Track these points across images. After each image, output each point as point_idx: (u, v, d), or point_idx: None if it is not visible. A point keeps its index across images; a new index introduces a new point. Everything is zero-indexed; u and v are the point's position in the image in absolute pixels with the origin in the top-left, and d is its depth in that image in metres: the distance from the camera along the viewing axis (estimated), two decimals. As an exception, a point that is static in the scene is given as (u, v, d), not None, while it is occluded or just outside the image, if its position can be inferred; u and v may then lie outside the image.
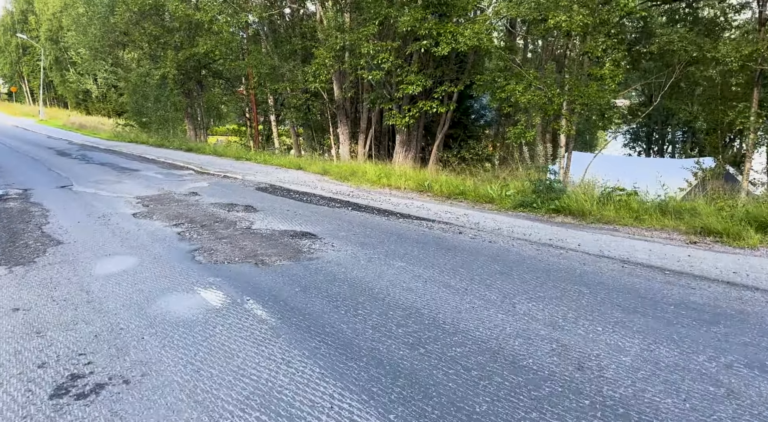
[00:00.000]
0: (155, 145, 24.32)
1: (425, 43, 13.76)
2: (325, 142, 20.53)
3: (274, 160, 16.10)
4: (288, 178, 12.80)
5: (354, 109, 19.72)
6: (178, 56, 24.56)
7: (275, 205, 8.85)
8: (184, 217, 7.66)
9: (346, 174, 12.77)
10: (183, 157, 18.29)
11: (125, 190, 10.56)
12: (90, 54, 29.60)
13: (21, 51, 59.77)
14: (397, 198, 9.83)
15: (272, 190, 10.75)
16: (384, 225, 7.21)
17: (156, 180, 12.56)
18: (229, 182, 12.09)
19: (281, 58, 18.42)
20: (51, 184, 11.70)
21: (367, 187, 11.41)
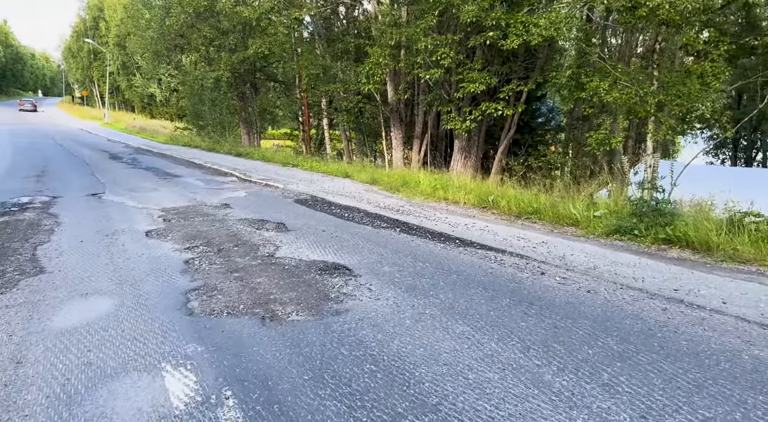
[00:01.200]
0: (206, 149, 23.88)
1: (491, 35, 12.07)
2: (377, 148, 19.20)
3: (320, 167, 14.86)
4: (332, 187, 11.47)
5: (409, 112, 18.23)
6: (232, 59, 24.04)
7: (311, 222, 7.46)
8: (202, 238, 6.41)
9: (397, 184, 11.28)
10: (230, 163, 17.46)
11: (155, 200, 9.55)
12: (149, 57, 29.74)
13: (92, 56, 62.59)
14: (455, 216, 8.23)
15: (312, 202, 9.42)
16: (439, 256, 5.64)
17: (194, 187, 11.58)
18: (268, 192, 10.89)
19: (333, 58, 17.22)
20: (84, 190, 10.93)
21: (419, 200, 9.86)
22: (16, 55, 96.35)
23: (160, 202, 9.41)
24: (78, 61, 67.19)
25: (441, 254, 5.71)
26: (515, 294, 4.33)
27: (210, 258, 5.48)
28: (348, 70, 16.55)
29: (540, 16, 11.58)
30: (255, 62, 25.74)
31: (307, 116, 21.46)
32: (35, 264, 5.18)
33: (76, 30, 65.88)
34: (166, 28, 25.58)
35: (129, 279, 4.68)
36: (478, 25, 13.28)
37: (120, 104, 70.29)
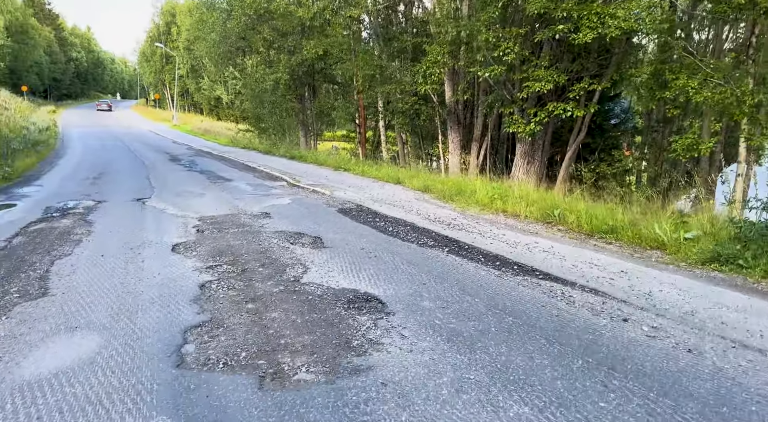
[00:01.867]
0: (263, 152, 23.87)
1: (561, 29, 10.89)
2: (433, 151, 18.29)
3: (372, 172, 14.14)
4: (382, 195, 10.69)
5: (468, 114, 17.20)
6: (290, 61, 23.90)
7: (350, 238, 6.70)
8: (230, 254, 5.80)
9: (451, 192, 10.34)
10: (283, 166, 17.13)
11: (197, 207, 9.15)
12: (212, 60, 30.28)
13: (164, 60, 65.38)
14: (514, 232, 7.21)
15: (356, 212, 8.67)
16: (492, 287, 4.71)
17: (240, 193, 11.18)
18: (313, 199, 10.27)
19: (390, 58, 16.48)
20: (132, 195, 10.77)
21: (475, 211, 8.89)
22: (97, 59, 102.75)
23: (201, 209, 9.00)
24: (151, 64, 70.51)
25: (495, 285, 4.76)
26: (590, 353, 3.34)
27: (229, 281, 4.83)
28: (404, 70, 15.75)
29: (618, 6, 10.30)
30: (313, 64, 25.52)
31: (363, 118, 20.85)
32: (42, 285, 4.72)
33: (150, 35, 69.14)
34: (228, 30, 25.84)
35: (130, 309, 4.09)
36: (546, 18, 12.11)
37: (189, 106, 73.17)
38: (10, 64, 54.28)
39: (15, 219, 8.08)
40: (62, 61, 77.42)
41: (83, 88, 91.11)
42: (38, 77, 65.17)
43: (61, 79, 76.95)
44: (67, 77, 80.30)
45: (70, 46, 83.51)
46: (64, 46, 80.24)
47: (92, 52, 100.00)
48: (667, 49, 11.88)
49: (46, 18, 76.93)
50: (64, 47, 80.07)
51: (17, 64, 57.17)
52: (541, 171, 13.89)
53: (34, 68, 63.26)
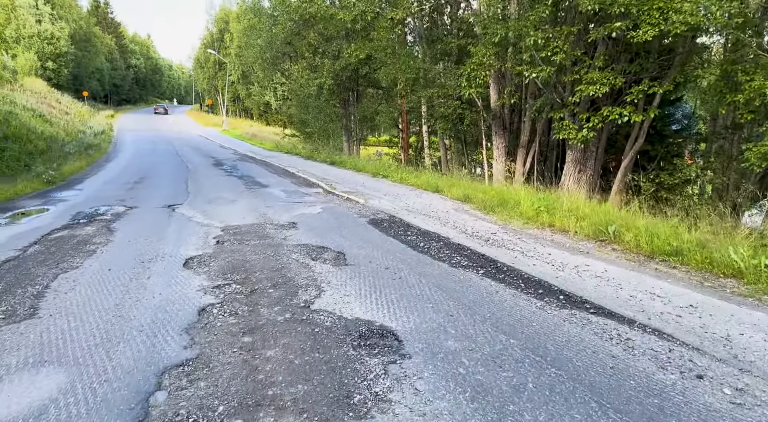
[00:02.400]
0: (305, 157, 23.70)
1: (618, 26, 9.95)
2: (476, 157, 17.47)
3: (410, 179, 13.50)
4: (417, 204, 10.05)
5: (515, 119, 16.32)
6: (334, 66, 23.67)
7: (376, 254, 6.10)
8: (243, 271, 5.32)
9: (493, 203, 9.57)
10: (322, 172, 16.78)
11: (224, 216, 8.80)
12: (260, 66, 30.52)
13: (217, 67, 67.06)
14: (562, 251, 6.41)
15: (388, 224, 8.07)
16: (533, 324, 3.98)
17: (273, 200, 10.82)
18: (345, 208, 9.75)
19: (433, 61, 15.83)
20: (165, 201, 10.59)
21: (518, 225, 8.10)
22: (155, 66, 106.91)
23: (228, 217, 8.64)
24: (205, 71, 72.50)
25: (536, 321, 4.04)
26: (655, 425, 2.60)
27: (233, 305, 4.33)
28: (448, 73, 15.06)
29: (683, 0, 9.27)
30: (357, 68, 25.22)
31: (405, 123, 20.26)
32: (33, 304, 4.36)
33: (204, 42, 71.16)
34: (274, 36, 25.90)
35: (113, 339, 3.62)
36: (601, 16, 11.18)
37: (240, 112, 74.80)
38: (73, 70, 56.94)
39: (42, 225, 7.95)
40: (122, 68, 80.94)
41: (141, 94, 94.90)
42: (99, 83, 68.23)
43: (120, 85, 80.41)
44: (127, 83, 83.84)
45: (130, 54, 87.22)
46: (125, 53, 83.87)
47: (151, 58, 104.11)
48: (739, 47, 10.68)
49: (109, 26, 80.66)
50: (125, 54, 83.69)
51: (80, 71, 59.98)
52: (594, 180, 12.86)
53: (95, 74, 66.29)
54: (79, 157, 21.68)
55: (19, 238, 6.89)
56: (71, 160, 20.61)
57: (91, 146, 27.04)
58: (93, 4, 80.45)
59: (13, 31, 52.11)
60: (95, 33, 66.87)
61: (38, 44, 51.78)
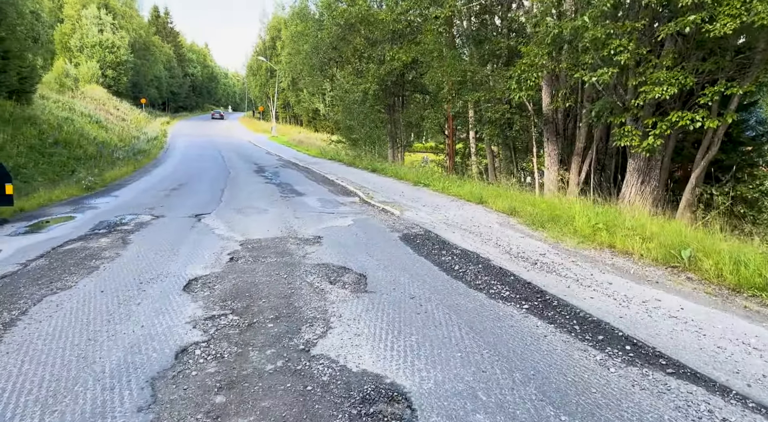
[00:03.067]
0: (347, 164, 23.21)
1: (692, 20, 8.74)
2: (526, 166, 16.33)
3: (453, 189, 12.59)
4: (458, 217, 9.16)
5: (569, 125, 15.10)
6: (379, 70, 23.10)
7: (402, 278, 5.29)
8: (246, 298, 4.65)
9: (543, 217, 8.55)
10: (362, 180, 16.14)
11: (249, 228, 8.25)
12: (306, 71, 30.37)
13: (269, 74, 68.11)
14: (625, 279, 5.38)
15: (422, 241, 7.23)
16: (592, 391, 3.05)
17: (305, 210, 10.23)
18: (379, 221, 8.99)
19: (480, 61, 14.88)
20: (194, 210, 10.19)
21: (571, 244, 7.08)
22: (211, 74, 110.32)
23: (253, 229, 8.06)
24: (257, 78, 73.89)
25: (596, 384, 3.11)
26: None
27: (220, 346, 3.62)
28: (496, 76, 14.08)
29: (773, -15, 7.99)
30: (403, 73, 24.55)
31: (451, 128, 19.33)
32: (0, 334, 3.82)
33: (257, 50, 72.58)
34: (319, 41, 25.62)
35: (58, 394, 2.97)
36: (670, 9, 9.97)
37: (290, 118, 75.75)
38: (132, 78, 59.20)
39: (59, 235, 7.61)
40: (180, 76, 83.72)
41: (198, 101, 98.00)
42: (158, 91, 70.72)
43: (178, 93, 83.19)
44: (184, 90, 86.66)
45: (188, 62, 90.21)
46: (182, 61, 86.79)
47: (207, 67, 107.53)
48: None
49: (168, 35, 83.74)
50: (182, 63, 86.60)
51: (139, 79, 62.32)
52: (659, 193, 11.53)
53: (154, 82, 68.73)
54: (127, 163, 21.98)
55: (28, 250, 6.52)
56: (119, 166, 20.89)
57: (141, 152, 27.58)
58: (153, 14, 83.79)
59: (77, 41, 54.72)
60: (154, 42, 69.44)
61: (99, 53, 54.10)
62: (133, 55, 58.47)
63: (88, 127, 31.50)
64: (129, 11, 65.74)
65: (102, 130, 33.26)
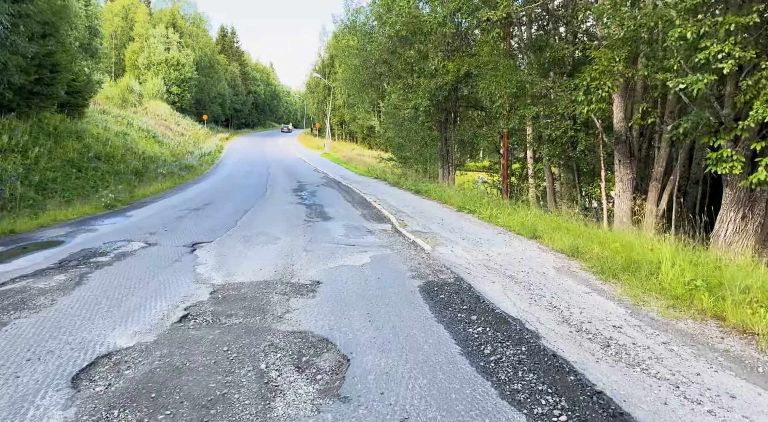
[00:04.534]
0: (391, 184, 21.69)
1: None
2: (592, 191, 14.05)
3: (502, 217, 10.65)
4: (504, 258, 7.27)
5: (645, 144, 12.85)
6: (430, 85, 21.53)
7: (401, 368, 3.55)
8: (146, 406, 3.08)
9: (616, 264, 6.52)
10: (400, 202, 14.50)
11: (240, 264, 6.78)
12: (354, 87, 29.26)
13: (326, 91, 68.21)
14: (753, 387, 3.38)
15: (448, 295, 5.44)
16: None
17: (323, 239, 8.72)
18: (402, 259, 7.27)
19: (540, 71, 12.94)
20: (197, 236, 8.89)
21: (658, 309, 5.05)
22: (274, 92, 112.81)
23: (241, 269, 6.56)
24: (314, 96, 74.31)
25: None
26: None
27: None
28: (558, 88, 12.10)
29: None
30: (456, 87, 22.86)
31: (505, 147, 17.34)
32: None
33: (316, 68, 73.06)
34: (368, 54, 24.41)
35: None
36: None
37: (346, 135, 75.56)
38: (196, 95, 60.77)
39: (13, 269, 6.38)
40: (243, 94, 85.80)
41: (260, 118, 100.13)
42: (221, 107, 72.45)
43: (241, 110, 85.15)
44: (246, 108, 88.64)
45: (251, 80, 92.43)
46: (246, 79, 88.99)
47: (270, 85, 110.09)
48: None
49: (234, 55, 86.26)
50: (246, 81, 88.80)
51: (203, 95, 63.95)
52: (766, 231, 9.11)
53: (217, 99, 70.47)
54: (169, 178, 21.47)
55: (-48, 289, 5.28)
56: (159, 181, 20.35)
57: (188, 167, 27.25)
58: (220, 34, 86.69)
59: (145, 59, 56.79)
60: (219, 60, 71.37)
61: (165, 70, 55.78)
62: (198, 72, 60.07)
63: (142, 142, 31.79)
64: (196, 30, 67.95)
65: (156, 145, 33.57)
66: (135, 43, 59.74)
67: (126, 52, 60.33)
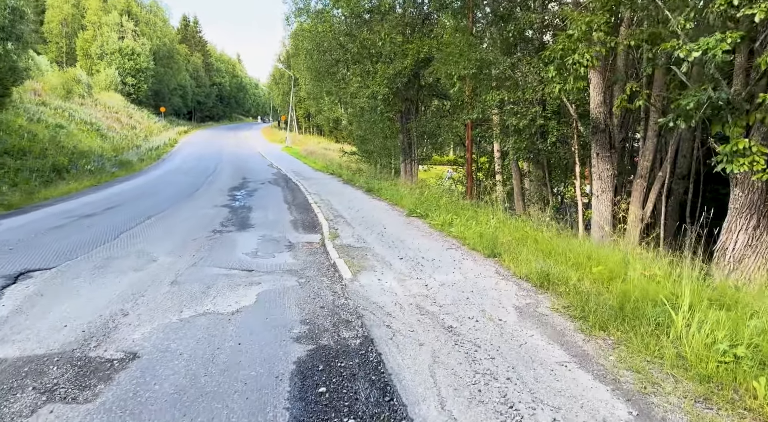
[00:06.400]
0: (345, 180, 19.54)
1: None
2: (565, 191, 12.05)
3: (457, 226, 8.53)
4: (447, 290, 5.15)
5: (626, 133, 10.93)
6: (387, 71, 19.36)
7: None
8: None
9: (605, 307, 4.44)
10: (345, 205, 12.35)
11: (54, 311, 4.55)
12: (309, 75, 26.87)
13: (292, 82, 65.26)
14: None
15: (345, 368, 3.31)
16: None
17: (214, 263, 6.50)
18: (306, 295, 5.09)
19: (503, 49, 10.85)
20: (50, 257, 6.59)
21: (681, 402, 2.99)
22: (240, 84, 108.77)
23: (43, 322, 4.31)
24: (279, 87, 71.26)
25: None
26: None
27: None
28: (525, 66, 10.03)
29: None
30: (417, 73, 20.74)
31: (469, 140, 15.26)
32: None
33: (280, 58, 69.97)
34: (320, 36, 22.04)
35: None
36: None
37: (313, 128, 72.77)
38: (153, 86, 57.09)
39: None
40: (207, 85, 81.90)
41: (225, 111, 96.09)
42: (182, 99, 68.68)
43: (204, 102, 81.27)
44: (210, 100, 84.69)
45: (216, 72, 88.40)
46: (210, 71, 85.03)
47: (236, 77, 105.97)
48: None
49: (197, 45, 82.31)
50: (210, 72, 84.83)
51: (161, 87, 60.25)
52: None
53: (178, 91, 66.70)
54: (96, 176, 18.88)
55: None
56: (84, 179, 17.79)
57: (123, 163, 24.49)
58: (182, 23, 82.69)
59: (97, 48, 53.04)
60: (179, 50, 67.62)
61: (119, 60, 52.22)
62: (155, 63, 56.46)
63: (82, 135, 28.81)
64: (153, 19, 64.07)
65: (98, 139, 30.61)
66: (87, 31, 55.78)
67: (77, 40, 56.33)
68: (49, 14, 58.35)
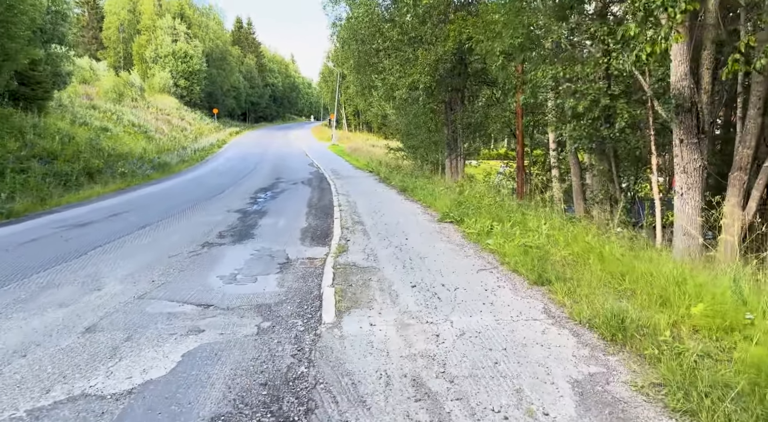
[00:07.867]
0: (381, 179, 17.89)
1: None
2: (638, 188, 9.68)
3: (496, 236, 6.66)
4: (468, 348, 3.36)
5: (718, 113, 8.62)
6: (428, 57, 17.57)
7: None
8: None
9: (734, 409, 2.55)
10: (374, 207, 10.79)
11: None
12: (350, 67, 25.40)
13: (338, 78, 64.32)
14: None
15: None
16: None
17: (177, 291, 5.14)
18: (252, 357, 3.48)
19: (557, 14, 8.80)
20: None
21: None
22: (293, 84, 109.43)
23: None
24: (329, 85, 70.51)
25: None
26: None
27: None
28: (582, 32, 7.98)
29: None
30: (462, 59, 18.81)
31: (520, 129, 13.17)
32: None
33: (329, 55, 69.15)
34: (358, 22, 20.48)
35: None
36: None
37: (363, 125, 71.66)
38: (206, 88, 57.60)
39: None
40: (260, 86, 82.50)
41: (278, 111, 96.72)
42: (236, 101, 69.27)
43: (258, 103, 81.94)
44: (264, 101, 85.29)
45: (269, 72, 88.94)
46: (263, 72, 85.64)
47: (289, 77, 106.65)
48: None
49: (250, 46, 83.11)
50: (263, 73, 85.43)
51: (214, 88, 60.77)
52: None
53: (231, 92, 67.29)
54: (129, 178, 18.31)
55: None
56: (113, 182, 17.24)
57: (161, 165, 23.90)
58: (236, 25, 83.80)
59: (151, 52, 54.06)
60: (231, 52, 68.17)
61: (172, 63, 52.98)
62: (208, 64, 56.96)
63: (127, 138, 28.81)
64: (206, 21, 64.83)
65: (144, 141, 30.55)
66: (142, 35, 57.08)
67: (133, 45, 57.79)
68: (108, 21, 60.13)
